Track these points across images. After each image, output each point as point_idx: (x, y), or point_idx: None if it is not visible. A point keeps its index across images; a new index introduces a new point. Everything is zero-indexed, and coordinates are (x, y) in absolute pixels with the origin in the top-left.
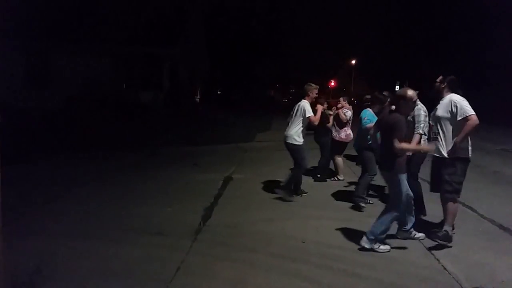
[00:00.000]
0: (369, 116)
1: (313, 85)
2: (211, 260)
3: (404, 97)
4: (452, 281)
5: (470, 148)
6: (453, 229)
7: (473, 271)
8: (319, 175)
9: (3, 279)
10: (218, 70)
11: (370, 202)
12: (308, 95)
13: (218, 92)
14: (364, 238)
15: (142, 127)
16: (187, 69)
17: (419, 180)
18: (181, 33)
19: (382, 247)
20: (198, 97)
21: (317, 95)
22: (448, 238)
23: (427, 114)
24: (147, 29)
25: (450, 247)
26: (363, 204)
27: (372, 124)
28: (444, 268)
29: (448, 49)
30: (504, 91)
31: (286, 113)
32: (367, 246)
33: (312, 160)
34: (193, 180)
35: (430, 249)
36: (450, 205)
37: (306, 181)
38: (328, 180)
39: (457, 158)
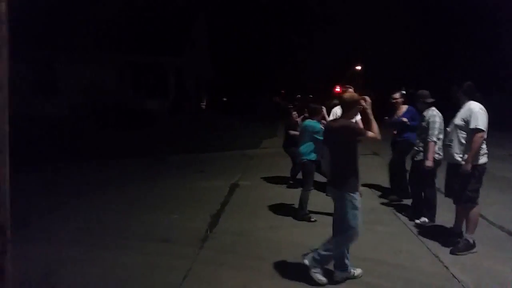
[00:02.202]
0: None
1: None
2: (218, 268)
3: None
4: None
5: (484, 153)
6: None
7: (482, 279)
8: (291, 182)
9: (10, 287)
10: (223, 77)
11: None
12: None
13: (224, 99)
14: (310, 254)
15: (148, 135)
16: (192, 76)
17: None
18: (186, 41)
19: (319, 276)
20: (204, 104)
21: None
22: (470, 246)
23: (442, 121)
24: (152, 38)
25: (475, 252)
26: (313, 219)
27: None
28: (453, 276)
29: (456, 53)
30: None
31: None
32: (307, 262)
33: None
34: (199, 187)
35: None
36: (470, 213)
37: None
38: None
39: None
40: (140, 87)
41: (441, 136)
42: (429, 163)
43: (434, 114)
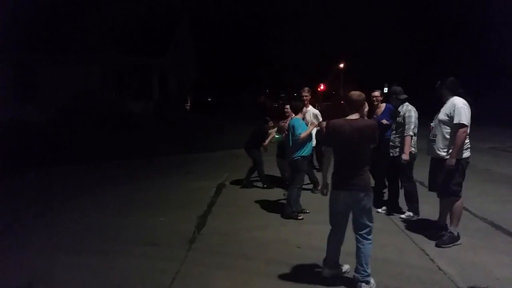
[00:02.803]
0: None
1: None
2: (207, 269)
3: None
4: (448, 280)
5: (468, 148)
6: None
7: (467, 270)
8: (265, 185)
9: None
10: (208, 78)
11: (306, 212)
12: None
13: (209, 99)
14: (370, 281)
15: (133, 136)
16: (176, 77)
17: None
18: (170, 42)
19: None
20: (189, 105)
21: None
22: (454, 238)
23: (417, 115)
24: (136, 39)
25: (460, 244)
26: (300, 217)
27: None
28: (439, 268)
29: (443, 51)
30: (499, 92)
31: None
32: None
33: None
34: (186, 189)
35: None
36: (454, 207)
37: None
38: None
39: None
40: (124, 88)
41: (416, 130)
42: (405, 156)
43: (409, 109)
